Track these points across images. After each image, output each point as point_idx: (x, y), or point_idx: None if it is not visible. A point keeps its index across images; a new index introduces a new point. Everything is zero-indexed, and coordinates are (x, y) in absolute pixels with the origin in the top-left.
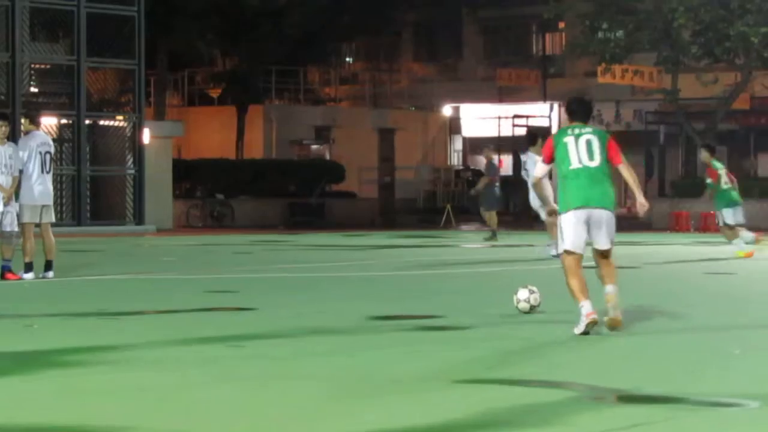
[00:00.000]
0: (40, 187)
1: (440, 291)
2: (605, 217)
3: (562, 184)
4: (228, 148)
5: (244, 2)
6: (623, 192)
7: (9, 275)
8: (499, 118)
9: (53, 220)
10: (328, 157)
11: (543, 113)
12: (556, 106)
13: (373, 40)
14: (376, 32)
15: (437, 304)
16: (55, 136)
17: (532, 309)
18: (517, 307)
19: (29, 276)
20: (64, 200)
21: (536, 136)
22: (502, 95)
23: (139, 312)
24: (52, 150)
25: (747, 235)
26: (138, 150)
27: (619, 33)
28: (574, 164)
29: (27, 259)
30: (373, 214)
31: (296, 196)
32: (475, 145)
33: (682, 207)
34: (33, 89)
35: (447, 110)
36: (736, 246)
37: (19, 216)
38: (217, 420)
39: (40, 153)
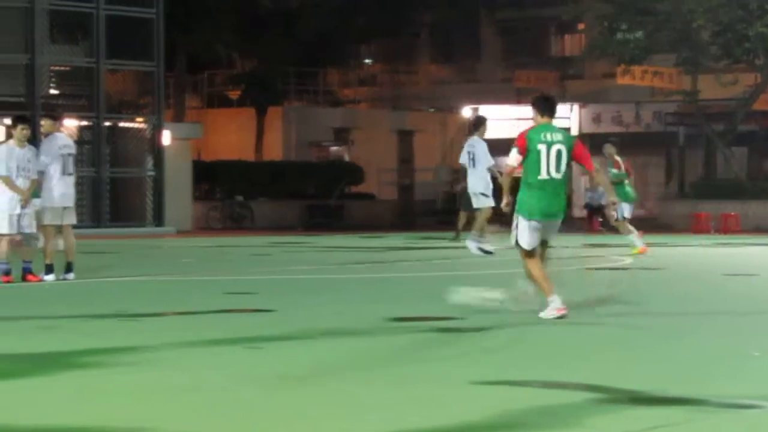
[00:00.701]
0: (62, 189)
1: (459, 292)
2: (557, 224)
3: (527, 189)
4: (247, 150)
5: (261, 4)
6: (643, 193)
7: (30, 277)
8: (519, 119)
9: (75, 222)
10: (346, 158)
11: (562, 115)
12: (575, 107)
13: (392, 41)
14: (394, 34)
15: (454, 306)
16: (74, 138)
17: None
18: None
19: (50, 278)
20: (83, 202)
21: (482, 122)
22: (521, 97)
23: (158, 313)
24: (74, 152)
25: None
26: (157, 152)
27: (639, 34)
28: (543, 175)
29: (47, 261)
30: (391, 215)
31: (315, 197)
32: (492, 147)
33: (702, 208)
34: (52, 91)
35: (465, 111)
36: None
37: (40, 218)
38: (236, 421)
39: (62, 155)
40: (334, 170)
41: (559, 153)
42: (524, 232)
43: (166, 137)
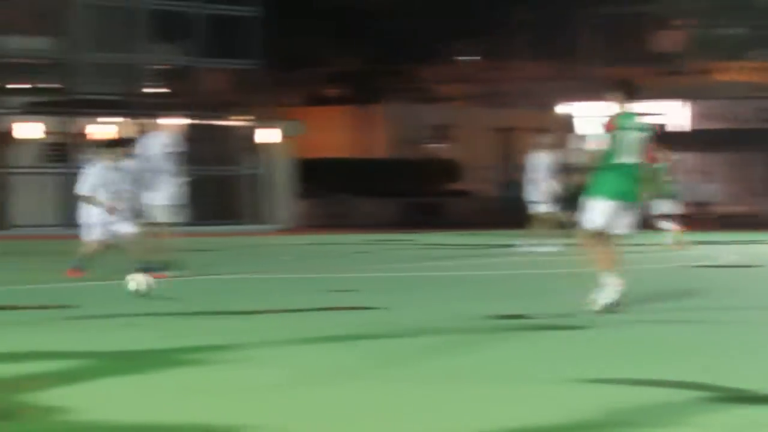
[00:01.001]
0: (167, 188)
1: (559, 290)
2: (630, 210)
3: (605, 172)
4: (347, 148)
5: (363, 2)
6: (744, 190)
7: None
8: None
9: (175, 220)
10: (446, 156)
11: (661, 111)
12: (675, 104)
13: (490, 38)
14: (493, 31)
15: (556, 303)
16: (174, 137)
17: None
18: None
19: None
20: (185, 201)
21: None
22: None
23: (259, 311)
24: (178, 150)
25: None
26: (258, 150)
27: (738, 29)
28: (624, 159)
29: (147, 260)
30: (490, 212)
31: (415, 195)
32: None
33: None
34: (152, 90)
35: (563, 109)
36: None
37: (144, 215)
38: (336, 420)
39: (165, 154)
40: (434, 168)
41: (638, 139)
42: (595, 212)
43: (267, 135)
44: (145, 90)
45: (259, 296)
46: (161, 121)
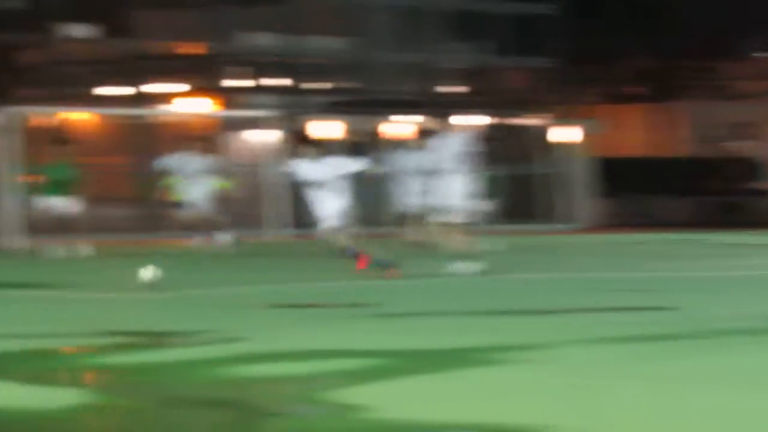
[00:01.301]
0: (461, 187)
1: None
2: None
3: None
4: (648, 146)
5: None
6: None
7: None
8: None
9: (469, 219)
10: (747, 154)
11: None
12: None
13: None
14: None
15: None
16: (472, 136)
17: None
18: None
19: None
20: (486, 200)
21: None
22: None
23: (559, 310)
24: (472, 150)
25: None
26: (556, 149)
27: None
28: None
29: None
30: None
31: (714, 194)
32: None
33: None
34: (451, 89)
35: None
36: None
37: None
38: (635, 422)
39: (460, 153)
40: (733, 166)
41: None
42: None
43: (566, 134)
44: (443, 89)
45: (561, 295)
46: (458, 119)
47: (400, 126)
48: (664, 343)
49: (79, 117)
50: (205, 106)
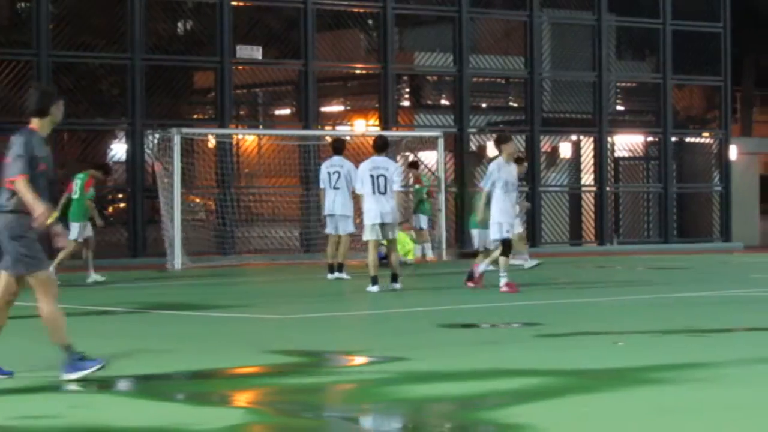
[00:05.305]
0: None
1: None
2: None
3: None
4: None
5: None
6: None
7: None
8: None
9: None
10: None
11: None
12: None
13: None
14: None
15: None
16: (641, 153)
17: None
18: None
19: (373, 289)
20: (650, 218)
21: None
22: None
23: (727, 329)
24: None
25: None
26: (725, 167)
27: None
28: None
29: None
30: None
31: None
32: None
33: None
34: (619, 107)
35: None
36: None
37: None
38: None
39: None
40: None
41: None
42: None
43: (734, 152)
44: (612, 107)
45: (726, 314)
46: (625, 137)
47: (567, 145)
48: None
49: (249, 139)
50: (373, 127)
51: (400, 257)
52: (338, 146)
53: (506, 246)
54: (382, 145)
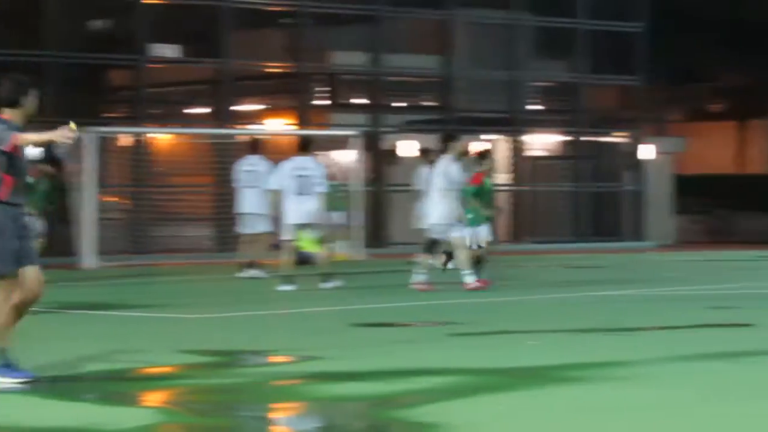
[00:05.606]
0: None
1: None
2: None
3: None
4: (728, 163)
5: (749, 16)
6: None
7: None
8: None
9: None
10: None
11: None
12: None
13: None
14: None
15: None
16: (554, 153)
17: None
18: None
19: (287, 288)
20: (566, 217)
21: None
22: None
23: (639, 328)
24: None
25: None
26: (638, 166)
27: None
28: None
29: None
30: None
31: None
32: None
33: None
34: (533, 107)
35: None
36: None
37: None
38: None
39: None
40: None
41: None
42: None
43: (648, 151)
44: (527, 107)
45: (640, 313)
46: (540, 136)
47: (481, 143)
48: (750, 358)
49: (164, 137)
50: (288, 126)
51: (318, 255)
52: (255, 145)
53: (434, 245)
54: (305, 145)
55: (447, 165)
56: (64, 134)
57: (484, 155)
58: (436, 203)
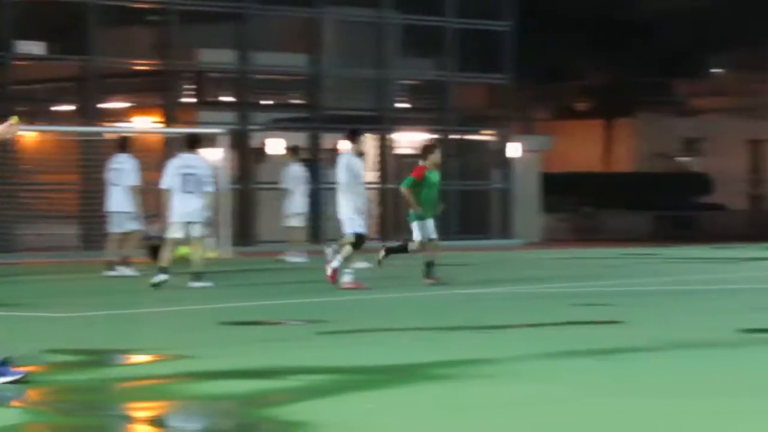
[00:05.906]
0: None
1: None
2: None
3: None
4: (595, 161)
5: (615, 16)
6: None
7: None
8: None
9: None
10: (696, 169)
11: None
12: None
13: (746, 50)
14: (749, 43)
15: None
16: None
17: None
18: None
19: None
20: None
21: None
22: None
23: (507, 325)
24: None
25: None
26: (506, 164)
27: None
28: None
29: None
30: (743, 226)
31: (665, 208)
32: None
33: None
34: (402, 105)
35: None
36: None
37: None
38: None
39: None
40: (684, 181)
41: None
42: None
43: (515, 150)
44: (396, 105)
45: (508, 311)
46: (408, 134)
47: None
48: (618, 355)
49: (30, 135)
50: (156, 124)
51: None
52: (123, 143)
53: (359, 241)
54: (192, 143)
55: (349, 159)
56: (9, 129)
57: (428, 149)
58: (341, 197)
